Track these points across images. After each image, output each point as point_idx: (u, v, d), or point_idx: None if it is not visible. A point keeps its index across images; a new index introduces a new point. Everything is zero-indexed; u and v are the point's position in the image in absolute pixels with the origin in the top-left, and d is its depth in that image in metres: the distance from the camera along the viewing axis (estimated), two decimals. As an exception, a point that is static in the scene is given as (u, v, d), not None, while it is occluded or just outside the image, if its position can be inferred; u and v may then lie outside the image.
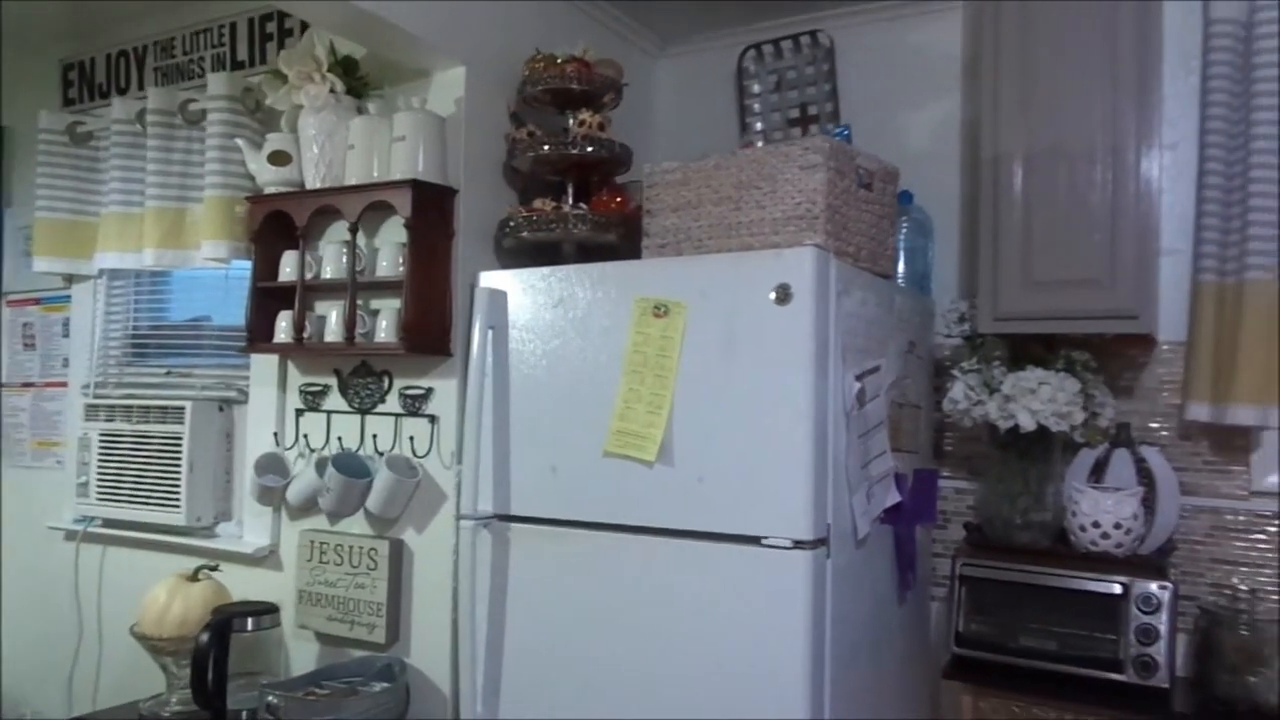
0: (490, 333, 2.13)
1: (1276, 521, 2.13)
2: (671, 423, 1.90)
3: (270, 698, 2.03)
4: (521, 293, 2.12)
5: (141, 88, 2.91)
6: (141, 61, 2.93)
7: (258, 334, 2.42)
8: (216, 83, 2.54)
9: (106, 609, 2.86)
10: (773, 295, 1.81)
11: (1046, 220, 2.09)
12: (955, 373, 2.22)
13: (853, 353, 1.91)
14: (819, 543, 1.79)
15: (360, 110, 2.36)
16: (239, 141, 2.48)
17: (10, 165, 3.23)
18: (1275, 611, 2.02)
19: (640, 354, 1.94)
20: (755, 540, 1.81)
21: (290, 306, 2.39)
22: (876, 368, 2.01)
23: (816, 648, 1.78)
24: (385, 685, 2.18)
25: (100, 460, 2.79)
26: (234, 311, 2.79)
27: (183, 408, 2.65)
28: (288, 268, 2.41)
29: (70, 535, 2.93)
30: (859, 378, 1.92)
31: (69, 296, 3.05)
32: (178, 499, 2.63)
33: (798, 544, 1.77)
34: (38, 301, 3.15)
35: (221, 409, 2.71)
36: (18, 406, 3.17)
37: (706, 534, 1.86)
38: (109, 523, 2.83)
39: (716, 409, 1.86)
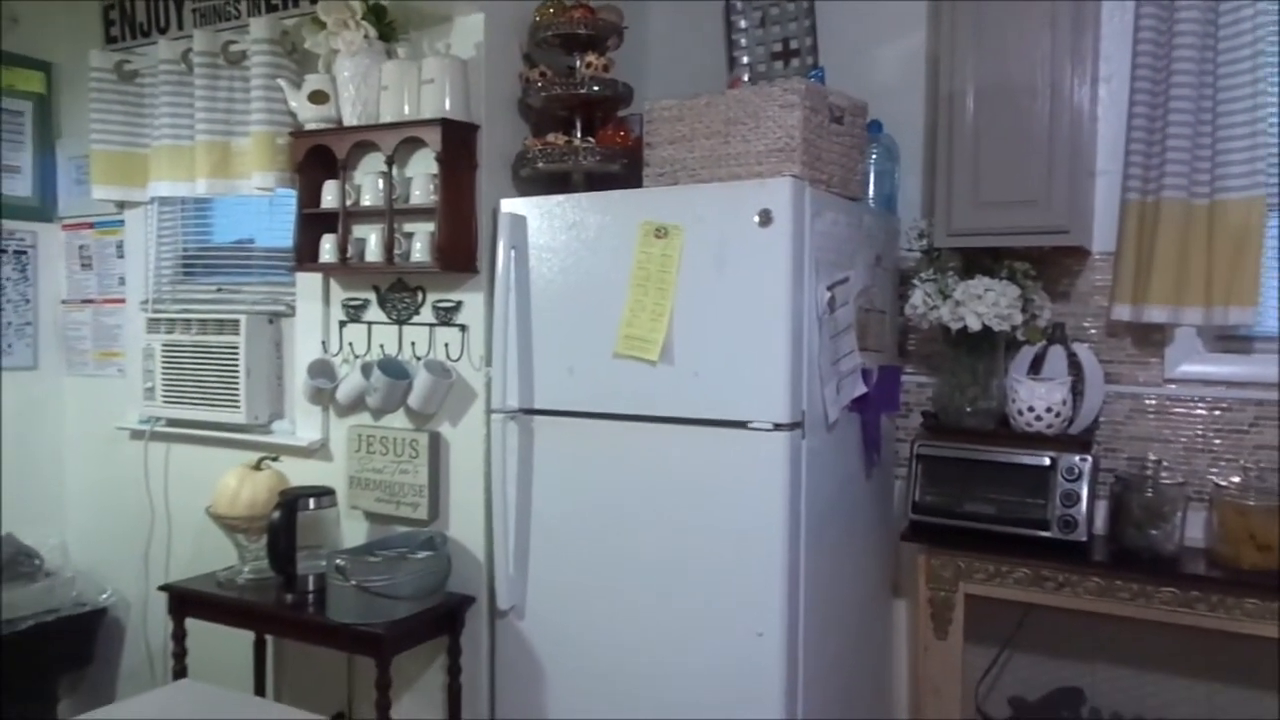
0: (513, 252, 2.46)
1: (1183, 404, 2.50)
2: (671, 328, 2.25)
3: (338, 561, 2.43)
4: (540, 217, 2.45)
5: (181, 27, 3.16)
6: (180, 1, 3.18)
7: (304, 255, 2.75)
8: (258, 27, 2.81)
9: (174, 497, 3.26)
10: (756, 219, 2.14)
11: (993, 147, 2.41)
12: (915, 282, 2.56)
13: (824, 266, 2.26)
14: (795, 425, 2.16)
15: (390, 54, 2.64)
16: (280, 82, 2.77)
17: (58, 100, 3.51)
18: (1177, 476, 2.41)
19: (644, 270, 2.28)
20: (742, 424, 2.18)
21: (332, 230, 2.71)
22: (845, 279, 2.35)
23: (793, 512, 2.17)
24: (429, 553, 2.57)
25: (163, 368, 3.15)
26: (276, 234, 3.12)
27: (237, 320, 3.00)
28: (329, 196, 2.72)
29: (137, 434, 3.31)
30: (830, 288, 2.27)
31: (122, 221, 3.37)
32: (237, 400, 3.00)
33: (777, 426, 2.14)
34: (91, 225, 3.46)
35: (271, 321, 3.05)
36: (79, 321, 3.51)
37: (701, 420, 2.23)
38: (173, 422, 3.20)
39: (709, 315, 2.21)
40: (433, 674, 2.68)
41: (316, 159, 2.72)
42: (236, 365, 3.00)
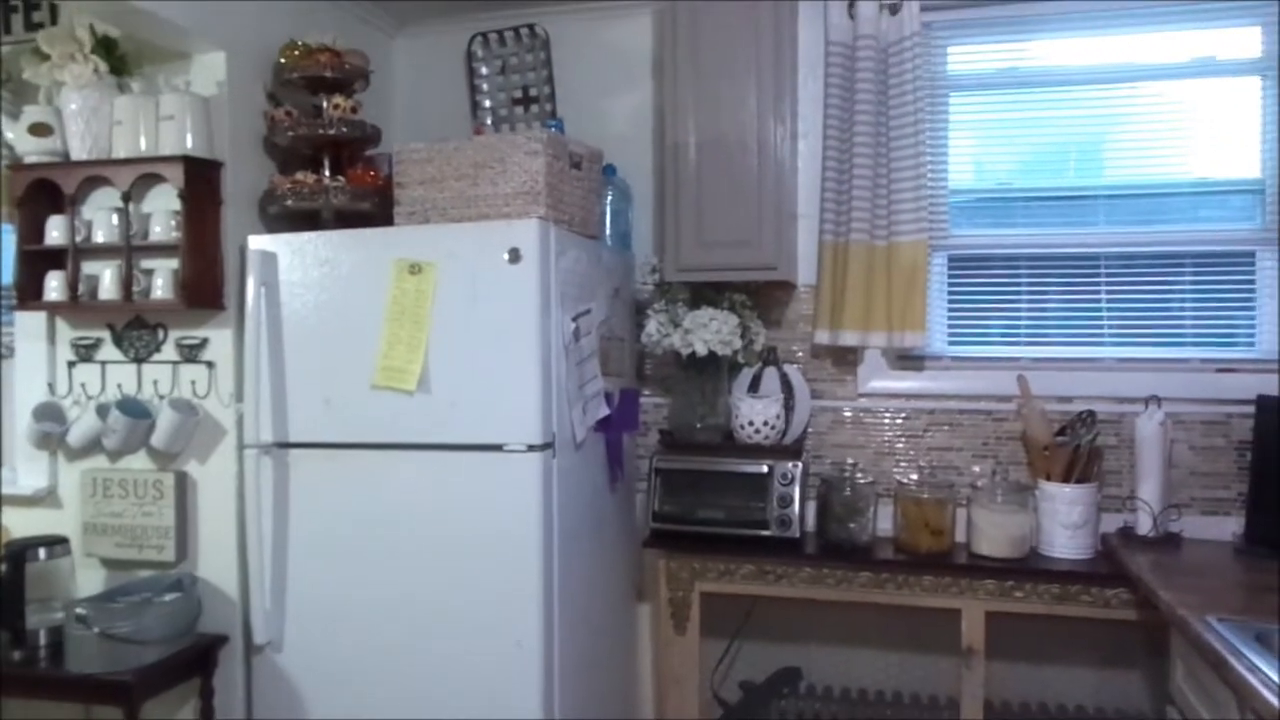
0: (263, 289, 2.49)
1: (873, 415, 2.93)
2: (428, 359, 2.37)
3: (79, 610, 2.33)
4: (291, 254, 2.49)
5: None
6: None
7: (27, 293, 2.61)
8: (-34, 53, 2.65)
9: None
10: (506, 256, 2.32)
11: (713, 193, 2.73)
12: (649, 312, 2.83)
13: (569, 299, 2.47)
14: (546, 446, 2.35)
15: (123, 88, 2.58)
16: (-5, 111, 2.63)
17: None
18: (870, 476, 2.81)
19: (399, 305, 2.39)
20: (498, 447, 2.34)
21: (57, 266, 2.61)
22: (588, 310, 2.57)
23: (547, 526, 2.35)
24: (177, 595, 2.52)
25: None
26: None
27: (-55, 363, 2.78)
28: (55, 232, 2.61)
29: None
30: (574, 319, 2.48)
31: None
32: (-54, 449, 2.78)
33: (530, 447, 2.32)
34: None
35: (-16, 363, 2.86)
36: None
37: (459, 445, 2.36)
38: None
39: (464, 347, 2.36)
40: (182, 717, 2.61)
41: (39, 193, 2.60)
42: (-56, 411, 2.78)
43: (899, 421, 2.91)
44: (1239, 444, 2.67)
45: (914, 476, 2.84)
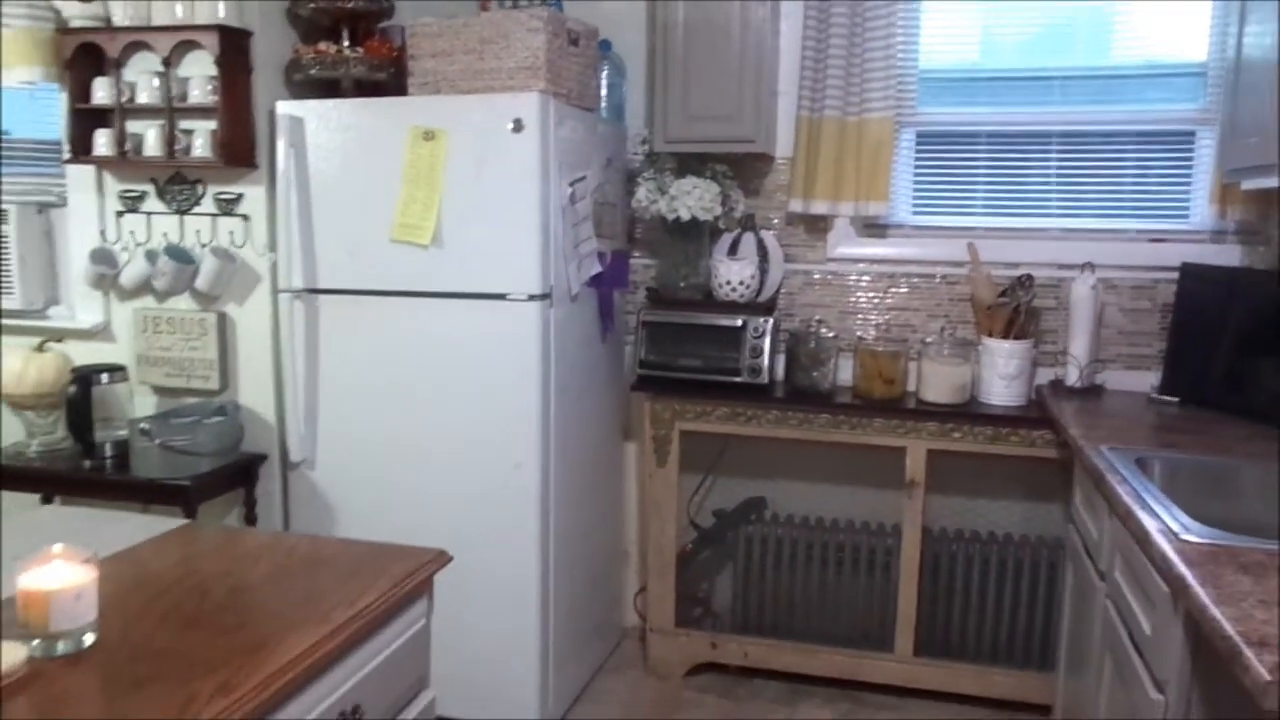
0: (292, 150, 2.77)
1: (839, 278, 3.25)
2: (441, 217, 2.68)
3: (143, 425, 2.71)
4: (317, 119, 2.77)
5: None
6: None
7: (78, 148, 2.90)
8: (14, -78, 2.86)
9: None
10: (510, 126, 2.60)
11: (699, 71, 2.98)
12: (640, 180, 3.12)
13: (566, 167, 2.75)
14: (545, 296, 2.68)
15: (160, -42, 2.81)
16: (43, -22, 2.86)
17: None
18: (833, 332, 3.15)
19: (414, 168, 2.68)
20: (501, 296, 2.67)
21: (102, 125, 2.89)
22: (583, 177, 2.86)
23: (544, 366, 2.70)
24: (222, 418, 2.90)
25: (-77, 258, 3.18)
26: (33, 126, 3.20)
27: (4, 210, 3.09)
28: (100, 92, 2.88)
29: (-109, 327, 3.31)
30: (571, 184, 2.77)
31: None
32: (10, 287, 3.11)
33: (530, 297, 2.65)
34: None
35: (40, 211, 3.16)
36: None
37: (468, 294, 2.69)
38: (-63, 312, 3.25)
39: (472, 206, 2.66)
40: (229, 523, 3.03)
41: (84, 56, 2.86)
42: (7, 253, 3.10)
43: (863, 283, 3.24)
44: (1164, 307, 2.99)
45: (872, 333, 3.17)
